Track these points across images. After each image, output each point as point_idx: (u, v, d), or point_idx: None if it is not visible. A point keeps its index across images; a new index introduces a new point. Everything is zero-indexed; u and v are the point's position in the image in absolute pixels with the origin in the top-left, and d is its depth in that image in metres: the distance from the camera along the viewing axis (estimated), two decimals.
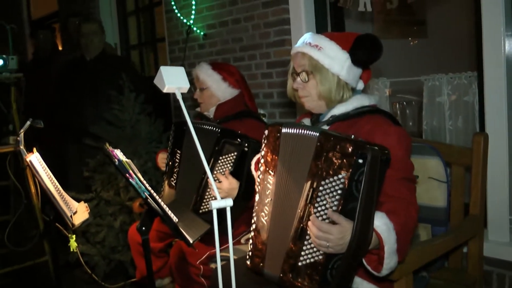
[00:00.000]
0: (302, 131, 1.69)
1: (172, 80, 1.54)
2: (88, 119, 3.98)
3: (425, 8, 4.57)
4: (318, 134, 1.63)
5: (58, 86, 4.38)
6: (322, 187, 1.58)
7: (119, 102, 3.54)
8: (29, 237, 3.95)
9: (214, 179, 2.36)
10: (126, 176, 1.76)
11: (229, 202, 1.41)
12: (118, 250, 3.44)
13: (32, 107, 4.36)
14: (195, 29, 4.12)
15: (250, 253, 1.79)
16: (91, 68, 4.15)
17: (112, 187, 3.47)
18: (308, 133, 1.67)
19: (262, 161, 1.78)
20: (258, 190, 1.80)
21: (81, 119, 4.10)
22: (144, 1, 5.34)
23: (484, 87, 2.45)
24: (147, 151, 3.54)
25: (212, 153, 2.42)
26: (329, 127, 1.87)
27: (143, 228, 1.84)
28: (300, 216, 1.63)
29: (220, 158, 2.41)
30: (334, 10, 3.31)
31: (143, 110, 3.63)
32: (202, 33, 4.08)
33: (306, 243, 1.62)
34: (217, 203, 1.40)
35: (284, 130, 1.74)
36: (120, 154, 1.85)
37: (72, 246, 2.45)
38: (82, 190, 3.52)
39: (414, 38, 4.64)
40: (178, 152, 2.62)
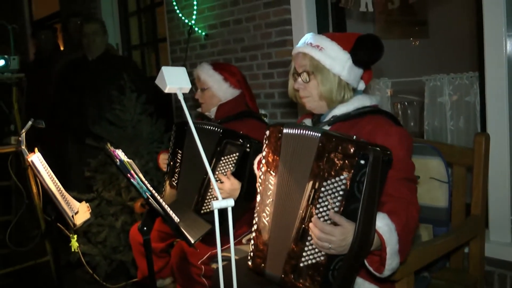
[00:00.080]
0: (304, 132, 1.68)
1: (173, 80, 1.54)
2: (89, 119, 3.99)
3: (426, 8, 4.57)
4: (319, 134, 1.63)
5: (60, 86, 4.38)
6: (323, 188, 1.58)
7: (121, 102, 3.54)
8: (30, 237, 3.96)
9: (216, 180, 2.36)
10: (127, 176, 1.76)
11: (230, 202, 1.41)
12: (119, 250, 3.44)
13: (33, 107, 4.38)
14: (197, 29, 4.12)
15: (252, 253, 1.79)
16: (93, 68, 4.14)
17: (113, 187, 3.47)
18: (309, 133, 1.66)
19: (264, 161, 1.78)
20: (259, 191, 1.80)
21: (82, 119, 4.10)
22: (145, 1, 5.34)
23: (485, 88, 2.45)
24: (149, 151, 3.54)
25: (214, 153, 2.42)
26: (330, 128, 1.87)
27: (145, 228, 1.84)
28: (301, 217, 1.62)
29: (222, 158, 2.40)
30: (335, 11, 3.30)
31: (145, 110, 3.63)
32: (203, 33, 4.08)
33: (308, 244, 1.61)
34: (218, 203, 1.40)
35: (285, 131, 1.73)
36: (121, 154, 1.85)
37: (73, 246, 2.46)
38: (83, 190, 3.52)
39: (416, 38, 4.64)
40: (179, 152, 2.62)
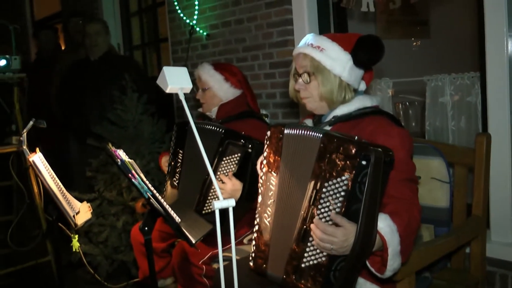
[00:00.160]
0: (305, 132, 1.68)
1: (174, 80, 1.53)
2: (91, 119, 3.99)
3: (428, 8, 4.56)
4: (321, 135, 1.62)
5: (62, 86, 4.39)
6: (325, 189, 1.57)
7: (122, 102, 3.55)
8: (31, 237, 3.96)
9: (217, 180, 2.36)
10: (128, 176, 1.76)
11: (231, 203, 1.41)
12: (120, 250, 3.44)
13: (35, 107, 4.38)
14: (198, 29, 4.12)
15: (253, 254, 1.79)
16: (95, 68, 4.14)
17: (114, 187, 3.47)
18: (311, 134, 1.66)
19: (265, 162, 1.77)
20: (260, 191, 1.79)
21: (84, 119, 4.10)
22: (147, 1, 5.34)
23: (486, 88, 2.45)
24: (150, 151, 3.54)
25: (215, 153, 2.41)
26: (331, 128, 1.87)
27: (146, 228, 1.84)
28: (303, 217, 1.62)
29: (223, 159, 2.40)
30: (337, 11, 3.31)
31: (146, 110, 3.63)
32: (205, 33, 4.08)
33: (309, 245, 1.61)
34: (219, 204, 1.39)
35: (286, 131, 1.73)
36: (122, 154, 1.85)
37: (74, 246, 2.46)
38: (84, 190, 3.52)
39: (417, 39, 4.63)
40: (180, 152, 2.62)
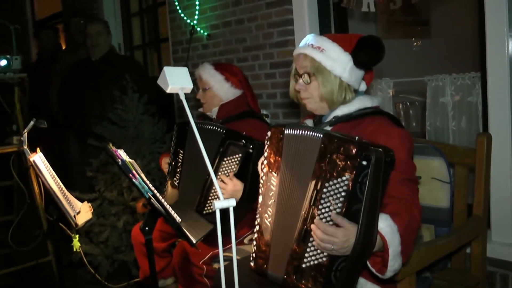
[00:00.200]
0: (305, 133, 1.68)
1: (175, 80, 1.53)
2: (92, 119, 3.99)
3: (428, 8, 4.56)
4: (321, 135, 1.62)
5: (63, 86, 4.39)
6: (326, 189, 1.57)
7: (123, 102, 3.55)
8: (32, 237, 3.96)
9: (218, 180, 2.36)
10: (129, 176, 1.76)
11: (232, 202, 1.41)
12: (121, 250, 3.44)
13: (35, 107, 4.39)
14: (199, 29, 4.12)
15: (254, 254, 1.79)
16: (96, 68, 4.14)
17: (115, 187, 3.47)
18: (311, 134, 1.66)
19: (265, 162, 1.77)
20: (261, 192, 1.79)
21: (85, 119, 4.10)
22: (147, 1, 5.34)
23: (487, 88, 2.45)
24: (151, 152, 3.54)
25: (216, 154, 2.41)
26: (331, 128, 1.87)
27: (146, 228, 1.84)
28: (304, 217, 1.62)
29: (224, 159, 2.40)
30: (337, 11, 3.30)
31: (147, 110, 3.63)
32: (205, 33, 4.08)
33: (310, 245, 1.61)
34: (220, 203, 1.39)
35: (287, 132, 1.72)
36: (123, 154, 1.85)
37: (75, 246, 2.46)
38: (85, 190, 3.53)
39: (418, 39, 4.64)
40: (181, 152, 2.62)
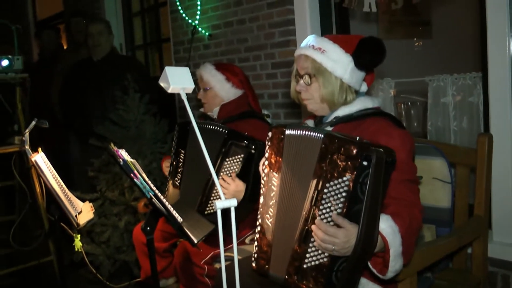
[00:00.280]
0: (306, 133, 1.68)
1: (177, 80, 1.54)
2: (93, 120, 3.99)
3: (430, 8, 4.56)
4: (322, 136, 1.62)
5: (64, 86, 4.39)
6: (326, 190, 1.57)
7: (124, 102, 3.55)
8: (34, 236, 3.97)
9: (220, 180, 2.37)
10: (131, 176, 1.76)
11: (233, 202, 1.42)
12: (123, 250, 3.45)
13: (37, 107, 4.39)
14: (200, 29, 4.12)
15: (256, 255, 1.79)
16: (98, 68, 4.14)
17: (117, 187, 3.47)
18: (312, 134, 1.66)
19: (266, 163, 1.77)
20: (262, 192, 1.79)
21: (86, 119, 4.11)
22: (149, 1, 5.34)
23: (488, 88, 2.45)
24: (152, 151, 3.54)
25: (218, 154, 2.41)
26: (332, 128, 1.87)
27: (148, 228, 1.84)
28: (305, 218, 1.62)
29: (226, 159, 2.40)
30: (338, 11, 3.30)
31: (148, 110, 3.63)
32: (207, 33, 4.08)
33: (311, 245, 1.61)
34: (221, 203, 1.40)
35: (287, 132, 1.72)
36: (125, 154, 1.85)
37: (77, 245, 2.47)
38: (87, 190, 3.53)
39: (419, 39, 4.64)
40: (182, 152, 2.62)
